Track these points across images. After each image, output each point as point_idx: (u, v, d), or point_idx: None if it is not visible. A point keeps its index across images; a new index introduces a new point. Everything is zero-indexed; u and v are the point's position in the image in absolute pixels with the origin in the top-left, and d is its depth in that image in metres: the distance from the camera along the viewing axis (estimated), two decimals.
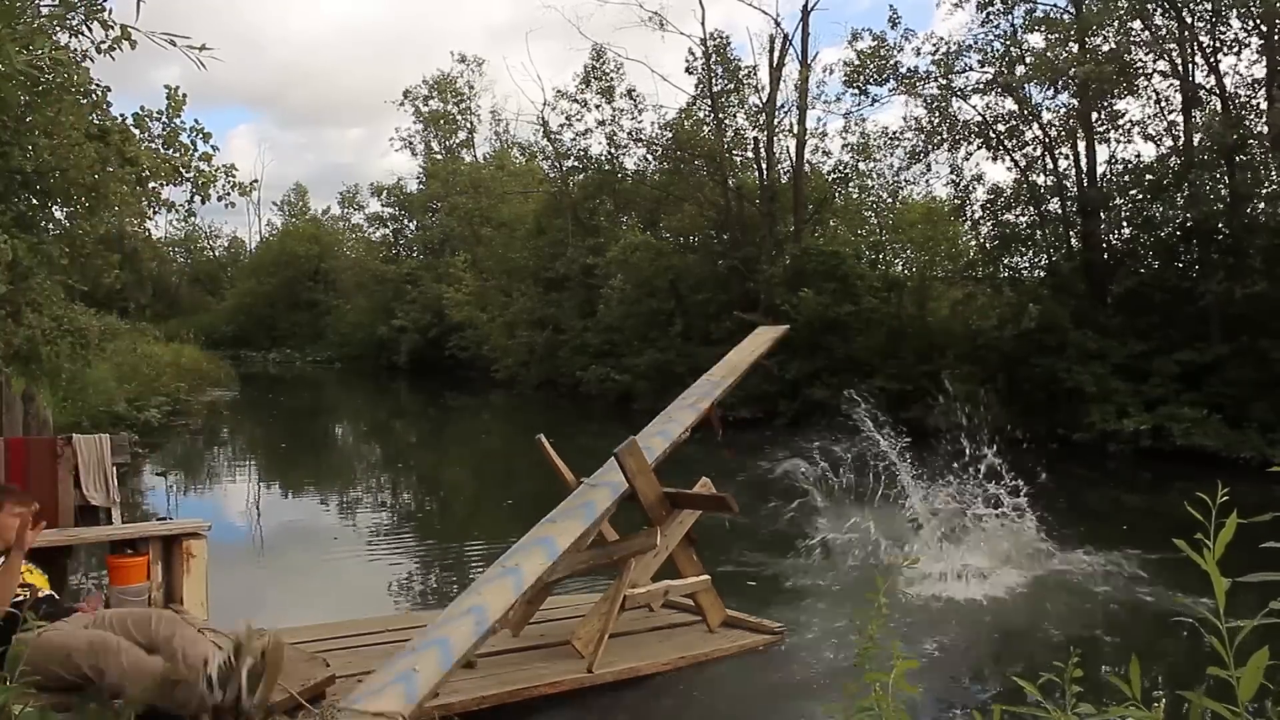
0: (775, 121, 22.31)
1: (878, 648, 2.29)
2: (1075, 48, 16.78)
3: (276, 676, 3.65)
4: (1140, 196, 16.97)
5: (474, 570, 7.09)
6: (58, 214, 9.19)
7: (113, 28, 3.73)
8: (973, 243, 20.47)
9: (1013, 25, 18.01)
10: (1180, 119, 16.56)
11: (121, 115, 8.45)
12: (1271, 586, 1.65)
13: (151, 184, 8.30)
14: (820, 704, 4.86)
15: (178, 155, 8.34)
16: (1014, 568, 7.69)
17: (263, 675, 3.58)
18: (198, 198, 8.51)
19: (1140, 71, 16.79)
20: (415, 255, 43.02)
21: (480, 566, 6.83)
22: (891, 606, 6.38)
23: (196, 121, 8.56)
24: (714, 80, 22.71)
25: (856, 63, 19.19)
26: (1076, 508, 10.77)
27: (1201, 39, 16.15)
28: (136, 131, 8.29)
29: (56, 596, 4.37)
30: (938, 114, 18.80)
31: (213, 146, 8.71)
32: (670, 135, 24.10)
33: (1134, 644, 5.85)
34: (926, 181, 21.19)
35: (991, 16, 18.10)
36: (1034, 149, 18.41)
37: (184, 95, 8.35)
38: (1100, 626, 6.31)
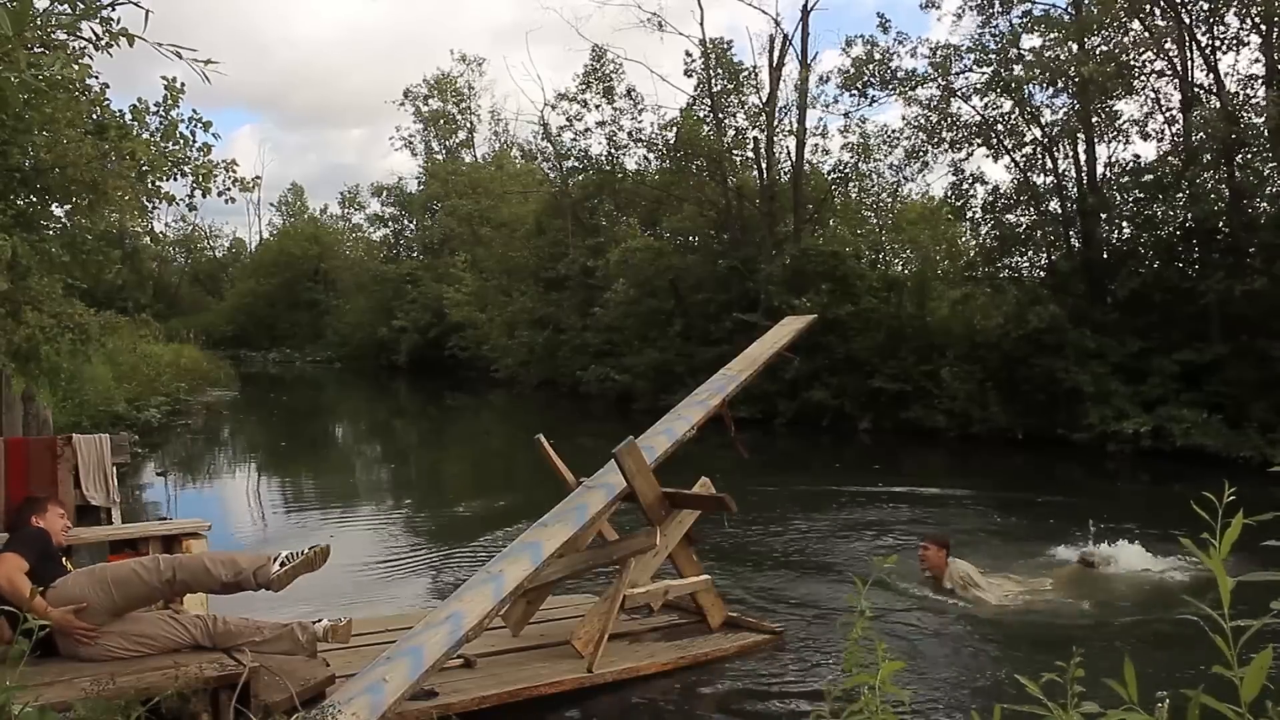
0: (775, 121, 22.30)
1: (862, 651, 2.29)
2: (1074, 47, 16.78)
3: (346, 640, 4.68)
4: (1140, 196, 16.95)
5: (473, 570, 7.08)
6: (57, 211, 9.16)
7: (112, 25, 3.73)
8: (973, 243, 20.46)
9: (1011, 25, 18.02)
10: (1180, 118, 16.56)
11: (120, 110, 8.41)
12: (1272, 586, 1.65)
13: (150, 178, 8.23)
14: (820, 704, 4.85)
15: (177, 148, 8.27)
16: (1013, 568, 7.68)
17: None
18: (198, 192, 8.43)
19: (1139, 71, 16.79)
20: (415, 255, 43.00)
21: (478, 566, 6.82)
22: (888, 606, 6.40)
23: (195, 112, 8.42)
24: (713, 80, 22.70)
25: (852, 69, 19.17)
26: (1076, 507, 10.75)
27: (1200, 38, 16.15)
28: (134, 125, 8.24)
29: None
30: (936, 115, 18.79)
31: (214, 135, 8.62)
32: (671, 135, 24.08)
33: (1134, 644, 5.84)
34: (926, 182, 21.20)
35: (991, 19, 18.11)
36: (1034, 149, 18.40)
37: (182, 85, 8.29)
38: (1101, 626, 6.30)
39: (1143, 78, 16.90)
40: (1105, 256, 17.54)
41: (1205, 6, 15.90)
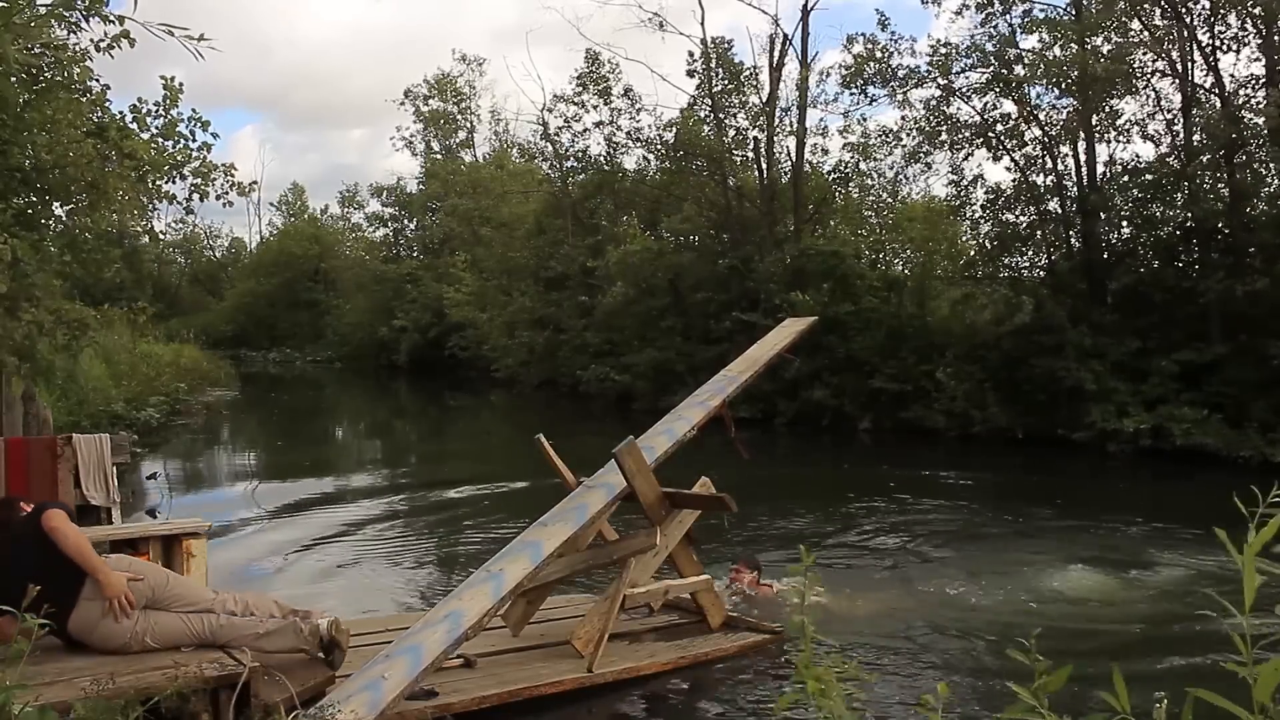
0: (775, 121, 22.29)
1: (814, 649, 2.28)
2: (1075, 48, 16.77)
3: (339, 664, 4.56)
4: (1140, 196, 16.95)
5: (473, 570, 7.09)
6: (58, 211, 9.15)
7: (113, 22, 3.73)
8: (972, 243, 20.45)
9: (1010, 25, 18.01)
10: (1180, 118, 16.55)
11: (120, 112, 8.40)
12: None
13: (151, 178, 8.22)
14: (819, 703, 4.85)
15: (178, 148, 8.26)
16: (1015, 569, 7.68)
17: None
18: (195, 196, 8.42)
19: (1140, 71, 16.79)
20: (415, 255, 43.00)
21: (478, 565, 6.83)
22: (885, 605, 6.38)
23: (194, 110, 8.39)
24: (714, 80, 22.69)
25: (851, 68, 19.15)
26: (1076, 507, 10.76)
27: (1200, 38, 16.14)
28: (134, 126, 8.23)
29: None
30: (935, 116, 18.77)
31: (213, 135, 8.60)
32: (671, 135, 24.08)
33: (1133, 643, 5.84)
34: (926, 181, 21.18)
35: (990, 18, 18.09)
36: (1034, 149, 18.40)
37: (180, 84, 8.28)
38: (1101, 625, 6.30)
39: (1143, 78, 16.91)
40: (1105, 256, 17.55)
41: (1205, 6, 15.89)
